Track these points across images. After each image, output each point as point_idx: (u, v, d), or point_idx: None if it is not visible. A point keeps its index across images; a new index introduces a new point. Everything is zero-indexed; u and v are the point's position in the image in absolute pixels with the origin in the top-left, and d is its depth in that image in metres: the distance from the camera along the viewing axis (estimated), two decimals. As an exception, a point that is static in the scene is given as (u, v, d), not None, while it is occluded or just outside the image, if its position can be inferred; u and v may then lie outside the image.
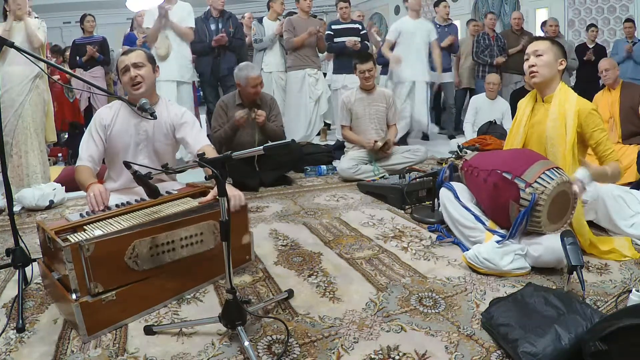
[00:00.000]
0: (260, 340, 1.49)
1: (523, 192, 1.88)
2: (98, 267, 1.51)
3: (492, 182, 2.02)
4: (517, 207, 1.92)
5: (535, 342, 1.29)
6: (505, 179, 1.96)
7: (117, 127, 2.22)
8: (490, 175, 2.04)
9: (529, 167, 1.92)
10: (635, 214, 2.27)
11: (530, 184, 1.87)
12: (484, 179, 2.08)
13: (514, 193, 1.92)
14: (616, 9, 6.69)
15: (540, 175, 1.87)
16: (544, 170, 1.89)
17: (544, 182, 1.86)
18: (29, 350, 1.48)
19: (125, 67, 2.17)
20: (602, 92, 3.85)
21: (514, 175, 1.94)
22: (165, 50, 4.03)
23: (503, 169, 1.99)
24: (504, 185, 1.97)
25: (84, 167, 2.15)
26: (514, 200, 1.93)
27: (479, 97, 5.03)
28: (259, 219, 2.73)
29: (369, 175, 3.56)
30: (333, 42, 4.87)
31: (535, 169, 1.90)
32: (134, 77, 2.15)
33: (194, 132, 2.29)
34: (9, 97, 3.16)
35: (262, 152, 1.46)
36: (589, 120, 2.03)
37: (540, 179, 1.87)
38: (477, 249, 1.93)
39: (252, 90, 3.39)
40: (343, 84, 4.93)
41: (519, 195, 1.90)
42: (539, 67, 2.11)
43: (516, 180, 1.92)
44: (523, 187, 1.89)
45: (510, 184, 1.93)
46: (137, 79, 2.15)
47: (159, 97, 2.33)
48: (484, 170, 2.09)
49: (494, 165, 2.06)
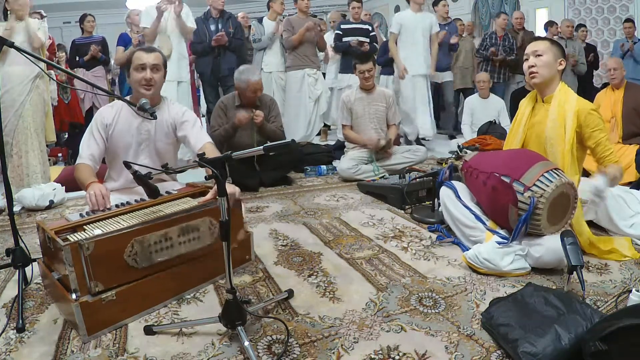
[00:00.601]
0: (260, 340, 1.49)
1: (521, 195, 1.88)
2: (98, 265, 1.51)
3: (491, 185, 2.02)
4: (516, 211, 1.92)
5: (535, 342, 1.29)
6: (504, 183, 1.96)
7: (119, 126, 2.22)
8: (489, 179, 2.04)
9: (528, 169, 1.91)
10: (635, 214, 2.27)
11: (529, 187, 1.87)
12: (483, 182, 2.08)
13: (513, 197, 1.92)
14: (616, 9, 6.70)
15: (539, 177, 1.87)
16: (542, 173, 1.88)
17: (542, 185, 1.86)
18: (29, 350, 1.48)
19: (142, 65, 2.16)
20: (605, 90, 3.83)
21: (512, 178, 1.93)
22: (168, 51, 4.03)
23: (502, 172, 1.99)
24: (503, 189, 1.96)
25: (84, 166, 2.14)
26: (512, 204, 1.93)
27: (473, 98, 5.04)
28: (259, 219, 2.73)
29: (369, 175, 3.56)
30: (341, 41, 4.87)
31: (534, 171, 1.90)
32: (149, 78, 2.16)
33: (195, 130, 2.28)
34: (10, 97, 3.16)
35: (261, 152, 1.46)
36: (589, 120, 2.03)
37: (539, 182, 1.86)
38: (477, 249, 1.93)
39: (252, 95, 3.41)
40: (348, 84, 4.92)
41: (517, 199, 1.90)
42: (538, 67, 2.10)
43: (514, 184, 1.91)
44: (522, 191, 1.89)
45: (508, 188, 1.93)
46: (152, 81, 2.17)
47: (161, 97, 2.34)
48: (483, 173, 2.09)
49: (493, 167, 2.05)
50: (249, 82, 3.36)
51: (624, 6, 6.60)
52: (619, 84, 3.67)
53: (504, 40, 5.48)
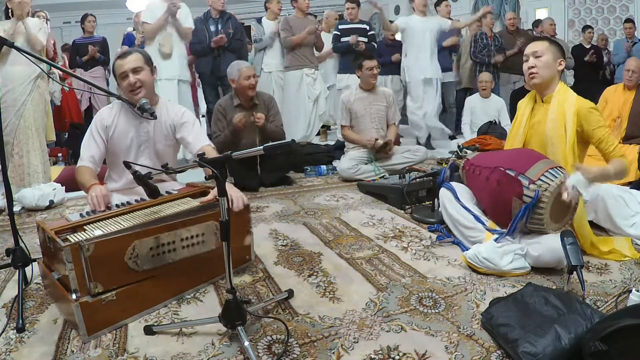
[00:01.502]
0: (260, 340, 1.49)
1: (527, 189, 1.89)
2: (98, 267, 1.51)
3: (496, 179, 2.03)
4: (520, 204, 1.92)
5: (535, 342, 1.29)
6: (509, 176, 1.96)
7: (119, 128, 2.22)
8: (493, 173, 2.05)
9: (532, 165, 1.93)
10: (635, 214, 2.27)
11: (534, 181, 1.88)
12: (486, 177, 2.09)
13: (518, 189, 1.92)
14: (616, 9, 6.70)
15: (544, 173, 1.88)
16: (547, 169, 1.89)
17: (547, 180, 1.86)
18: (29, 350, 1.48)
19: (123, 73, 2.12)
20: (615, 87, 3.79)
21: (517, 172, 1.94)
22: (169, 49, 4.03)
23: (506, 167, 2.00)
24: (508, 182, 1.97)
25: (85, 168, 2.14)
26: (516, 196, 1.93)
27: (474, 97, 5.04)
28: (259, 219, 2.73)
29: (369, 175, 3.56)
30: (339, 41, 4.87)
31: (539, 167, 1.91)
32: (134, 82, 2.11)
33: (194, 131, 2.27)
34: (11, 97, 3.17)
35: (262, 152, 1.46)
36: (589, 118, 2.03)
37: (544, 177, 1.87)
38: (476, 249, 1.93)
39: (246, 82, 3.34)
40: (347, 84, 4.93)
41: (523, 192, 1.90)
42: (538, 68, 2.10)
43: (520, 177, 1.92)
44: (527, 184, 1.89)
45: (513, 181, 1.94)
46: (137, 84, 2.12)
47: (158, 97, 2.32)
48: (487, 168, 2.09)
49: (497, 163, 2.06)
50: (241, 69, 3.34)
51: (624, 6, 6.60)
52: (632, 85, 3.63)
53: (495, 40, 5.49)
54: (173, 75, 4.12)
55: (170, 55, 4.05)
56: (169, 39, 4.03)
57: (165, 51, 4.00)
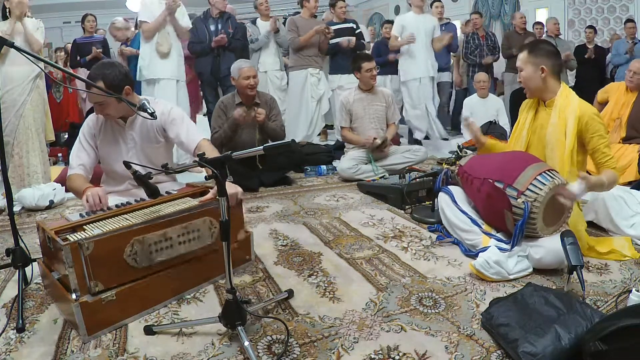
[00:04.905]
0: (260, 340, 1.49)
1: (515, 201, 1.89)
2: (98, 265, 1.51)
3: (485, 192, 2.03)
4: (512, 217, 1.92)
5: (535, 342, 1.29)
6: (497, 189, 1.96)
7: (104, 136, 2.19)
8: (483, 185, 2.05)
9: (520, 172, 1.91)
10: (635, 214, 2.27)
11: (523, 192, 1.87)
12: (477, 188, 2.09)
13: (507, 203, 1.92)
14: (616, 9, 6.70)
15: (532, 181, 1.86)
16: (535, 176, 1.87)
17: (536, 189, 1.85)
18: (29, 350, 1.48)
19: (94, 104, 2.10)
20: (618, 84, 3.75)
21: (505, 184, 1.93)
22: (167, 48, 4.02)
23: (495, 178, 1.99)
24: (497, 195, 1.97)
25: (76, 175, 2.11)
26: (507, 209, 1.93)
27: (472, 98, 5.04)
28: (259, 219, 2.73)
29: (369, 175, 3.56)
30: (329, 42, 4.87)
31: (527, 174, 1.89)
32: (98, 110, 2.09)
33: (184, 128, 2.18)
34: (11, 97, 3.16)
35: (262, 152, 1.46)
36: (589, 125, 2.00)
37: (532, 186, 1.86)
38: (486, 255, 1.87)
39: (245, 82, 3.36)
40: (339, 84, 4.93)
41: (512, 205, 1.90)
42: (523, 82, 2.14)
43: (508, 190, 1.91)
44: (515, 196, 1.89)
45: (502, 195, 1.93)
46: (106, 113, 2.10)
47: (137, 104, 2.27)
48: (477, 179, 2.09)
49: (487, 173, 2.05)
50: (241, 69, 3.35)
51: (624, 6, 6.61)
52: (634, 87, 3.62)
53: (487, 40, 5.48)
54: (172, 75, 4.11)
55: (168, 54, 4.04)
56: (166, 37, 4.02)
57: (163, 50, 3.99)
